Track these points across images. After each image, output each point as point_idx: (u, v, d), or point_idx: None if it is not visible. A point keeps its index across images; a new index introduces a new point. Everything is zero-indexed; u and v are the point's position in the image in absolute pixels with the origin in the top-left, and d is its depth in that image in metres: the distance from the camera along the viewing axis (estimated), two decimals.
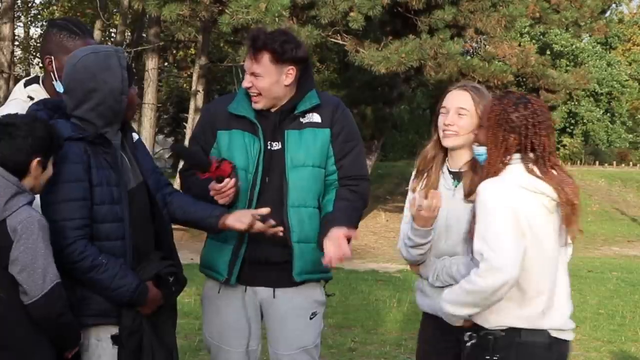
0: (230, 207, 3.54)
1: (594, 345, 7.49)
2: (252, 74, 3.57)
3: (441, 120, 3.49)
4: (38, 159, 3.01)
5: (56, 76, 3.48)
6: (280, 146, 3.61)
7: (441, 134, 3.48)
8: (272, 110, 3.64)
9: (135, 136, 3.45)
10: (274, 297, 3.64)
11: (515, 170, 3.07)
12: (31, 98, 3.52)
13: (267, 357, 3.88)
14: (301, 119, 3.64)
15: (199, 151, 3.62)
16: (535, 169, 3.06)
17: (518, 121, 3.05)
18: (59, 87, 3.42)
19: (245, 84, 3.59)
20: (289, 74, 3.59)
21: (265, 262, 3.60)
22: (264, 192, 3.59)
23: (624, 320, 8.72)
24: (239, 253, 3.59)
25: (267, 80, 3.56)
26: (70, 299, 3.10)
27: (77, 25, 3.60)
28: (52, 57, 3.50)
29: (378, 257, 14.57)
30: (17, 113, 3.19)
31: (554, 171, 3.08)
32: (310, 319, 3.68)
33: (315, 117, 3.65)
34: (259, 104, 3.60)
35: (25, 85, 3.62)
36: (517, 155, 3.08)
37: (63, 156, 3.13)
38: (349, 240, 3.51)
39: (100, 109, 3.18)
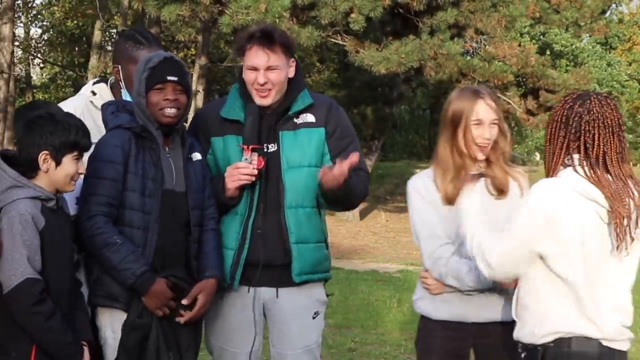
0: (233, 199, 3.57)
1: None
2: (269, 68, 3.55)
3: (477, 133, 3.38)
4: (45, 152, 3.04)
5: (124, 85, 3.64)
6: (275, 148, 3.61)
7: (475, 147, 3.39)
8: (266, 111, 3.62)
9: (198, 156, 3.55)
10: (277, 297, 3.64)
11: (570, 173, 2.95)
12: (94, 93, 3.69)
13: (266, 356, 3.89)
14: (295, 120, 3.64)
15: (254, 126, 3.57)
16: (591, 173, 2.91)
17: (572, 117, 2.94)
18: (126, 96, 3.61)
19: (261, 79, 3.55)
20: (292, 66, 3.64)
21: (267, 264, 3.60)
22: (262, 194, 3.60)
23: None
24: (240, 258, 3.59)
25: (283, 74, 3.58)
26: (87, 281, 3.26)
27: (142, 35, 3.70)
28: (120, 67, 3.64)
29: (378, 257, 14.56)
30: (51, 108, 3.27)
31: (611, 176, 2.92)
32: (313, 318, 3.69)
33: (310, 117, 3.65)
34: (269, 99, 3.59)
35: (94, 83, 3.77)
36: (576, 156, 2.95)
37: (105, 140, 3.34)
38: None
39: (133, 103, 3.43)
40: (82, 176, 3.21)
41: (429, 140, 32.35)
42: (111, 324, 3.33)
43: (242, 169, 3.51)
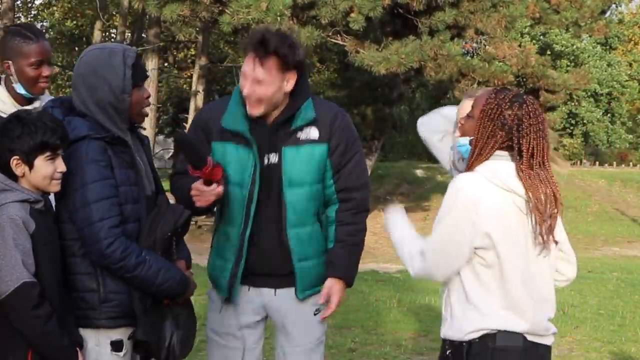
0: (204, 212, 3.53)
1: (594, 345, 7.49)
2: (255, 80, 3.38)
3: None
4: (15, 157, 2.99)
5: (16, 79, 3.68)
6: (277, 159, 3.50)
7: None
8: (267, 120, 3.51)
9: (145, 140, 3.44)
10: (275, 294, 3.64)
11: (492, 165, 2.98)
12: None
13: (267, 357, 3.88)
14: (298, 134, 3.50)
15: (203, 144, 3.48)
16: (512, 167, 2.97)
17: (510, 120, 2.97)
18: (20, 89, 3.68)
19: (245, 91, 3.39)
20: (291, 80, 3.44)
21: (267, 274, 3.61)
22: (262, 207, 3.52)
23: (624, 320, 8.72)
24: (237, 273, 3.57)
25: (271, 88, 3.39)
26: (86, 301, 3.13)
27: (30, 30, 3.76)
28: (10, 62, 3.68)
29: (378, 257, 14.56)
30: (17, 111, 3.22)
31: (534, 172, 2.96)
32: (315, 314, 3.69)
33: (313, 133, 3.51)
34: (257, 110, 3.43)
35: None
36: (499, 152, 2.99)
37: (85, 156, 3.11)
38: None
39: (102, 105, 3.17)
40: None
41: None
42: (104, 344, 3.22)
43: (206, 193, 3.37)
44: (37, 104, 3.71)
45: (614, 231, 20.83)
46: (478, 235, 2.94)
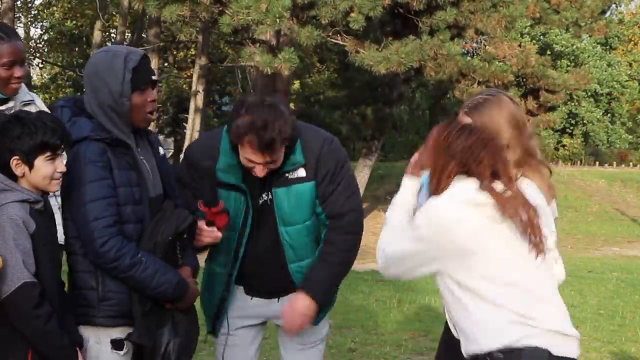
0: (199, 250, 3.51)
1: (594, 345, 7.49)
2: (267, 163, 3.37)
3: None
4: (15, 158, 3.00)
5: None
6: (269, 198, 3.52)
7: None
8: None
9: (162, 150, 3.43)
10: (277, 301, 3.67)
11: (454, 188, 2.97)
12: None
13: (267, 354, 3.89)
14: (287, 175, 3.51)
15: (214, 186, 3.45)
16: (475, 184, 2.94)
17: (459, 150, 2.98)
18: None
19: (261, 174, 3.38)
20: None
21: (266, 292, 3.68)
22: (258, 243, 3.54)
23: (624, 320, 8.73)
24: (223, 308, 3.65)
25: (281, 159, 3.42)
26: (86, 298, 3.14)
27: (2, 30, 3.65)
28: None
29: None
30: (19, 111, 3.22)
31: (502, 189, 2.95)
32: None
33: (301, 172, 3.52)
34: (263, 174, 3.43)
35: None
36: (458, 176, 2.99)
37: (82, 157, 3.13)
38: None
39: (103, 107, 3.18)
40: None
41: None
42: (104, 343, 3.23)
43: (205, 233, 3.40)
44: (11, 104, 3.67)
45: (614, 231, 20.83)
46: (457, 255, 2.92)
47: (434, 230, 2.94)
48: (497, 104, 3.32)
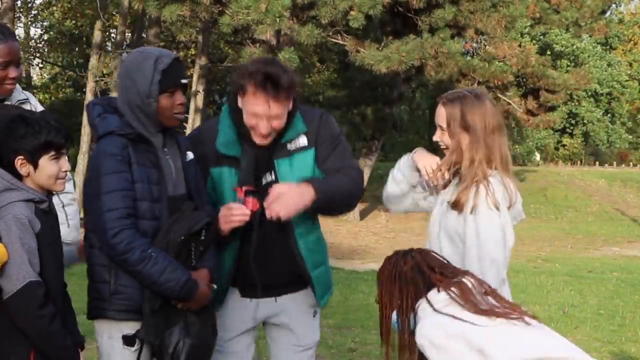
0: (227, 239, 3.47)
1: (594, 345, 7.48)
2: (271, 117, 3.33)
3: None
4: (20, 157, 3.00)
5: None
6: (272, 177, 3.49)
7: None
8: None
9: (191, 155, 3.43)
10: (275, 301, 3.65)
11: (428, 311, 2.93)
12: None
13: (267, 354, 3.88)
14: (289, 146, 3.49)
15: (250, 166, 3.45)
16: (444, 300, 2.91)
17: (409, 273, 3.01)
18: None
19: (263, 131, 3.35)
20: (291, 101, 3.42)
21: (267, 286, 3.60)
22: (264, 224, 3.47)
23: (624, 320, 8.72)
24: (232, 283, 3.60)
25: (285, 118, 3.38)
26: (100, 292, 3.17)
27: None
28: None
29: (378, 257, 14.54)
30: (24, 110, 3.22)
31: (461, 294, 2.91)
32: (313, 316, 3.72)
33: (302, 140, 3.50)
34: (269, 140, 3.42)
35: None
36: (420, 301, 2.97)
37: (103, 150, 3.19)
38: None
39: (131, 107, 3.25)
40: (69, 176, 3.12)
41: (429, 140, 32.30)
42: (116, 338, 3.25)
43: (235, 210, 3.38)
44: (7, 104, 3.66)
45: (614, 231, 20.83)
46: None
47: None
48: (475, 100, 3.34)
